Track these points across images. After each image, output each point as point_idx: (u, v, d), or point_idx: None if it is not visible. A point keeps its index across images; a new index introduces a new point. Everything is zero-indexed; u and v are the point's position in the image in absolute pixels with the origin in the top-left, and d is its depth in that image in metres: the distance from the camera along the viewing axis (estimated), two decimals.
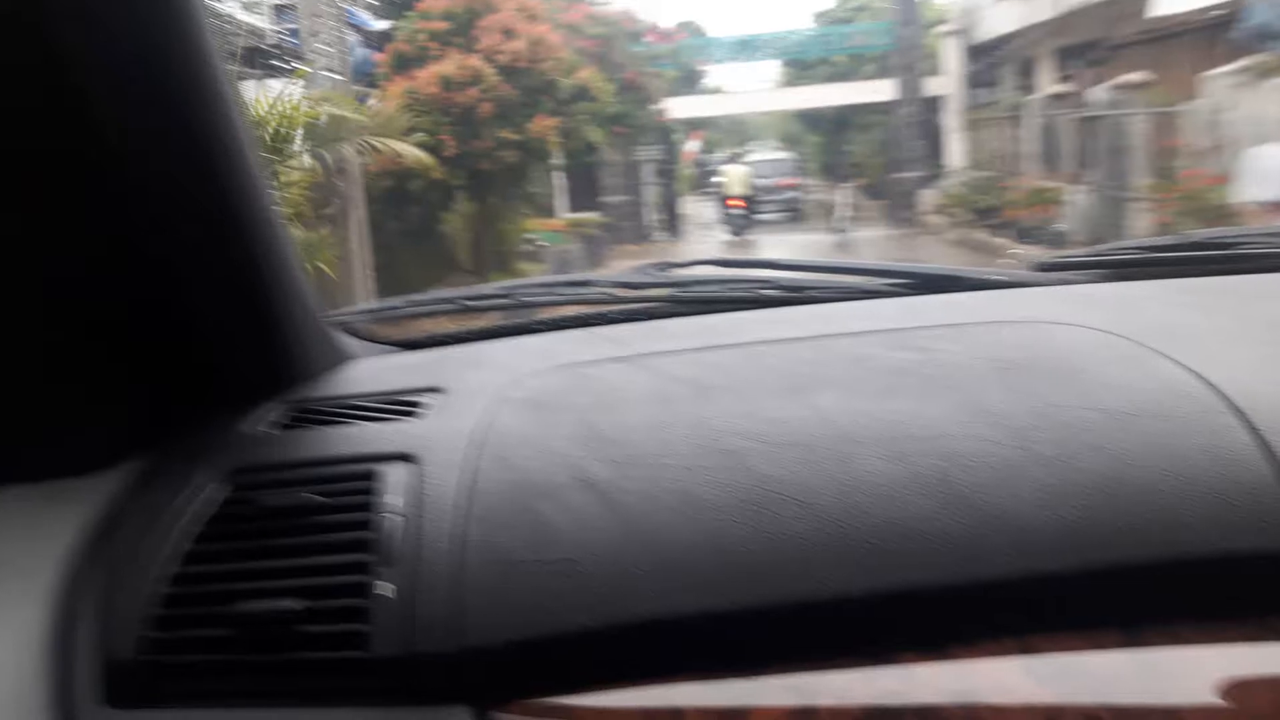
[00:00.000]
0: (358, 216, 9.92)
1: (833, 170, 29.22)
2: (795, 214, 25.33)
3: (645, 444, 0.87)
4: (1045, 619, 0.74)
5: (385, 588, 0.80)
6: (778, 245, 19.43)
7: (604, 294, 1.32)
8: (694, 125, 31.39)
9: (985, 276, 1.28)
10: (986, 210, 16.45)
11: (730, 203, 21.03)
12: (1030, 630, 0.73)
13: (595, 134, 14.56)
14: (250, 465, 0.95)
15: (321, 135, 8.30)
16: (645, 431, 0.89)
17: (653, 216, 21.68)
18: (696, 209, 26.57)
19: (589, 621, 0.75)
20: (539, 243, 14.75)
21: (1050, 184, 14.92)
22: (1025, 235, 14.21)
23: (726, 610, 0.75)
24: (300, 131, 7.86)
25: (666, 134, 22.61)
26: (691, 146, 33.42)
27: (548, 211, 17.09)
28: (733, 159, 24.64)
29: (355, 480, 0.90)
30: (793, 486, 0.80)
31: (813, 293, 1.28)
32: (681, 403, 0.93)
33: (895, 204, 21.43)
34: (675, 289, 1.33)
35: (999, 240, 14.61)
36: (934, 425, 0.85)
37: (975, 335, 1.03)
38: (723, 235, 20.85)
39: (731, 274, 1.41)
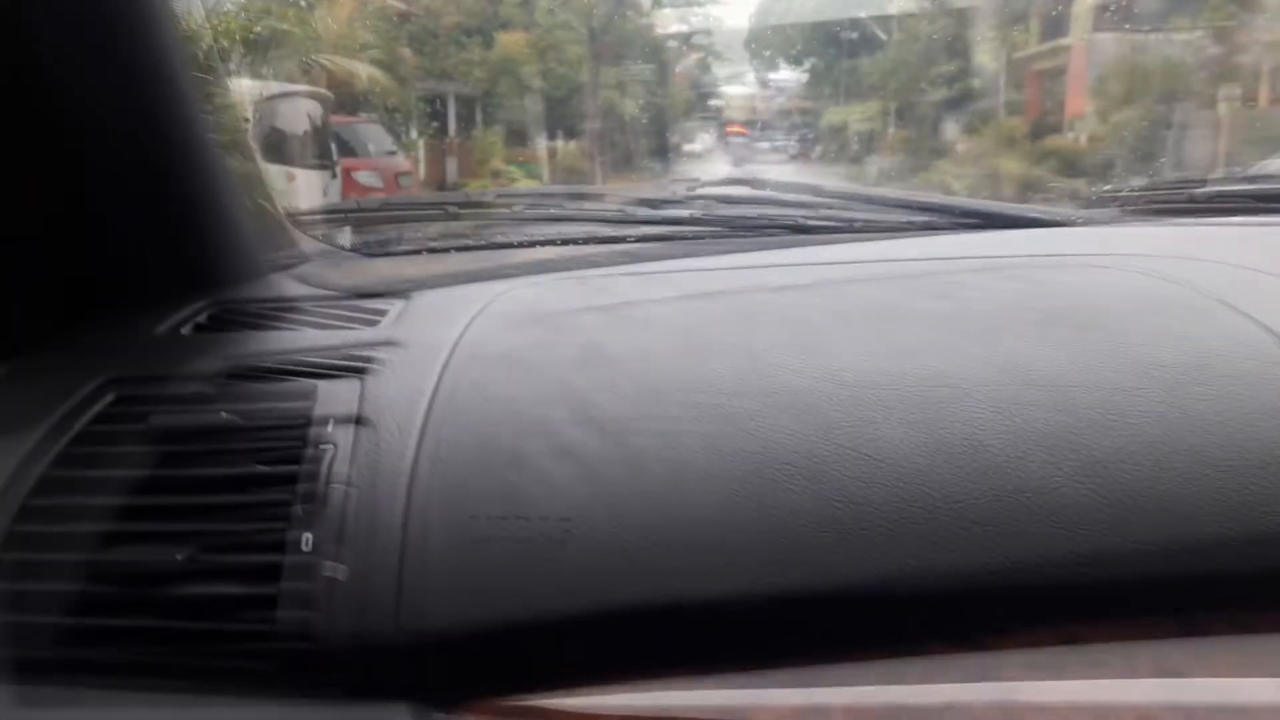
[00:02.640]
0: None
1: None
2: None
3: (632, 407, 0.87)
4: (1091, 606, 0.74)
5: (337, 569, 0.79)
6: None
7: (619, 212, 1.32)
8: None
9: (1024, 213, 1.28)
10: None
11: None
12: (1074, 619, 0.73)
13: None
14: (144, 374, 0.88)
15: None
16: (633, 392, 0.89)
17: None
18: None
19: (566, 608, 0.75)
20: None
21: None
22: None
23: (725, 597, 0.75)
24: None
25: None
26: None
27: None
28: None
29: (284, 401, 0.85)
30: (801, 457, 0.80)
31: (826, 225, 1.28)
32: (674, 359, 0.93)
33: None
34: (698, 210, 1.33)
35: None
36: (964, 385, 0.84)
37: (1011, 280, 1.02)
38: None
39: (738, 194, 1.41)
